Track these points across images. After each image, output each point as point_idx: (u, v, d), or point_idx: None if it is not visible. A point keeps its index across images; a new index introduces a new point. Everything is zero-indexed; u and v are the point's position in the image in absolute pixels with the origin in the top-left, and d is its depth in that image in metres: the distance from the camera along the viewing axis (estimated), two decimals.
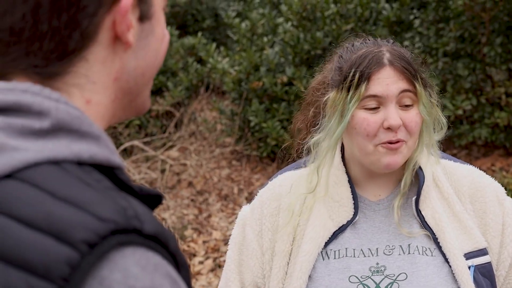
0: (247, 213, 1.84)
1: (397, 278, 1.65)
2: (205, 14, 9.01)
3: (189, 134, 7.37)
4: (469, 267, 1.64)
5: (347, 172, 1.76)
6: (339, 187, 1.74)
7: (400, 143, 1.62)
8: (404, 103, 1.62)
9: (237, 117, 6.80)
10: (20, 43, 0.80)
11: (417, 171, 1.69)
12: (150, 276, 0.70)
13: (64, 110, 0.78)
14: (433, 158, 1.76)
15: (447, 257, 1.65)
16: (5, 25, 0.80)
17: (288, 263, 1.73)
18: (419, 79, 1.63)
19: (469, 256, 1.66)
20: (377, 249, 1.69)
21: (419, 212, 1.69)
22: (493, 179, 1.79)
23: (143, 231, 0.72)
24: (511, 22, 5.86)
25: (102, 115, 0.86)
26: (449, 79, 6.01)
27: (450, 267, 1.64)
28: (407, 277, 1.65)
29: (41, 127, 0.77)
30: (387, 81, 1.60)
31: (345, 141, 1.74)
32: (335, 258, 1.69)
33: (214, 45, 7.23)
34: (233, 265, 1.81)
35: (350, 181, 1.74)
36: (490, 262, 1.69)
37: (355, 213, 1.71)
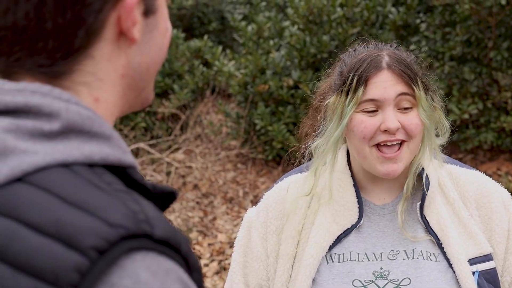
0: (252, 216, 1.85)
1: (400, 283, 1.65)
2: (211, 17, 9.02)
3: (194, 136, 7.38)
4: (474, 273, 1.64)
5: (352, 176, 1.77)
6: (344, 190, 1.74)
7: (398, 152, 1.62)
8: (402, 106, 1.63)
9: (243, 120, 6.80)
10: (23, 42, 0.78)
11: (421, 176, 1.69)
12: (160, 281, 0.69)
13: (74, 110, 0.77)
14: (437, 162, 1.76)
15: (451, 263, 1.65)
16: (7, 23, 0.77)
17: (292, 266, 1.74)
18: (419, 82, 1.63)
19: (473, 261, 1.66)
20: (381, 253, 1.69)
21: (423, 217, 1.69)
22: (499, 185, 1.80)
23: (153, 236, 0.71)
24: None
25: (111, 113, 0.85)
26: (455, 83, 6.00)
27: (454, 272, 1.64)
28: (410, 282, 1.64)
29: (51, 129, 0.75)
30: (385, 84, 1.61)
31: (348, 145, 1.76)
32: (339, 262, 1.69)
33: (220, 48, 7.23)
34: (238, 267, 1.82)
35: (355, 185, 1.75)
36: (495, 267, 1.68)
37: (360, 217, 1.72)
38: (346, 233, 1.71)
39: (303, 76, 6.19)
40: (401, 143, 1.64)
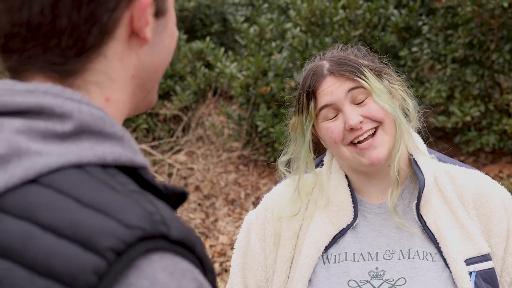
0: (252, 218, 1.87)
1: (396, 282, 1.65)
2: (214, 18, 9.03)
3: (196, 138, 7.38)
4: (471, 273, 1.64)
5: (347, 176, 1.79)
6: (339, 191, 1.76)
7: (373, 139, 1.65)
8: (358, 100, 1.67)
9: (245, 122, 6.80)
10: (37, 39, 0.77)
11: (417, 175, 1.70)
12: (177, 282, 0.69)
13: (86, 111, 0.76)
14: (434, 161, 1.77)
15: (448, 262, 1.65)
16: (22, 19, 0.77)
17: (290, 267, 1.76)
18: (365, 72, 1.66)
19: (471, 261, 1.66)
20: (377, 253, 1.70)
21: (420, 216, 1.70)
22: (499, 185, 1.79)
23: (170, 237, 0.71)
24: None
25: (121, 113, 0.84)
26: (458, 85, 6.00)
27: (450, 272, 1.64)
28: (406, 282, 1.65)
29: (63, 130, 0.75)
30: (331, 89, 1.67)
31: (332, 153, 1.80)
32: (335, 262, 1.71)
33: (222, 49, 7.24)
34: (237, 268, 1.85)
35: (350, 185, 1.77)
36: (493, 268, 1.68)
37: (355, 217, 1.74)
38: (342, 233, 1.73)
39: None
40: (376, 130, 1.66)
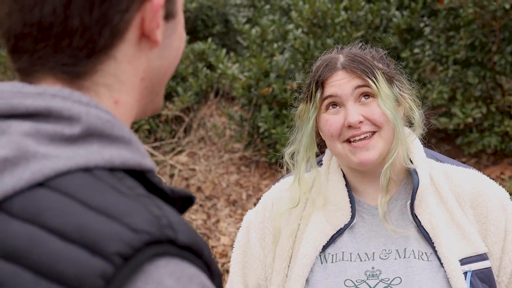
0: (251, 217, 1.89)
1: (391, 282, 1.66)
2: (215, 19, 9.03)
3: (198, 139, 7.38)
4: (466, 272, 1.65)
5: (344, 176, 1.80)
6: (337, 191, 1.77)
7: (368, 141, 1.65)
8: (363, 99, 1.67)
9: (246, 123, 6.80)
10: (48, 40, 0.77)
11: (412, 174, 1.71)
12: (184, 287, 0.69)
13: (95, 114, 0.76)
14: (430, 161, 1.77)
15: (442, 262, 1.66)
16: (34, 19, 0.76)
17: (288, 266, 1.77)
18: (377, 75, 1.66)
19: (467, 261, 1.66)
20: (374, 253, 1.71)
21: (414, 216, 1.70)
22: (496, 184, 1.79)
23: (177, 241, 0.70)
24: None
25: (129, 116, 0.84)
26: (459, 87, 6.00)
27: (445, 271, 1.65)
28: (401, 281, 1.66)
29: (71, 133, 0.74)
30: (340, 82, 1.68)
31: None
32: (332, 262, 1.72)
33: (224, 50, 7.24)
34: (237, 267, 1.86)
35: (347, 185, 1.78)
36: (489, 267, 1.69)
37: (352, 217, 1.75)
38: (339, 233, 1.74)
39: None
40: (373, 133, 1.67)
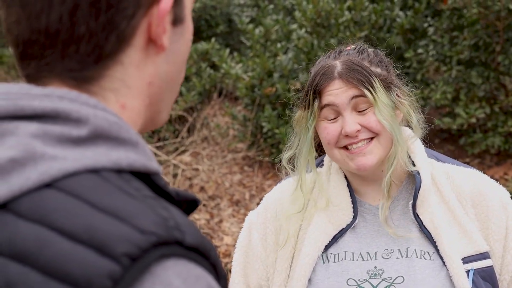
0: (253, 218, 1.91)
1: (394, 281, 1.68)
2: (219, 19, 9.04)
3: (201, 139, 7.39)
4: (468, 271, 1.66)
5: (346, 177, 1.81)
6: (338, 191, 1.79)
7: (366, 146, 1.67)
8: (360, 108, 1.68)
9: (250, 122, 6.80)
10: (55, 46, 0.78)
11: (414, 175, 1.72)
12: None
13: (102, 116, 0.76)
14: (431, 161, 1.78)
15: (444, 261, 1.67)
16: (41, 26, 0.77)
17: (290, 266, 1.78)
18: (374, 83, 1.67)
19: (469, 259, 1.68)
20: (376, 252, 1.72)
21: (416, 216, 1.71)
22: (497, 184, 1.81)
23: (184, 243, 0.71)
24: None
25: (135, 121, 0.85)
26: (463, 87, 6.00)
27: (448, 270, 1.66)
28: (404, 280, 1.67)
29: (79, 135, 0.75)
30: (337, 91, 1.68)
31: None
32: (334, 261, 1.73)
33: (227, 50, 7.25)
34: (239, 267, 1.88)
35: (349, 185, 1.79)
36: (492, 266, 1.70)
37: (354, 217, 1.76)
38: (341, 233, 1.75)
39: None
40: (371, 139, 1.68)
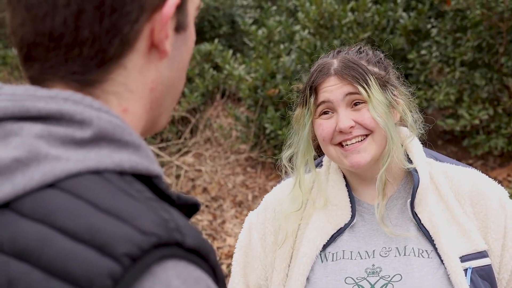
0: (253, 218, 1.92)
1: (392, 279, 1.68)
2: (222, 20, 9.04)
3: (204, 140, 7.39)
4: (467, 269, 1.66)
5: (345, 176, 1.82)
6: (337, 191, 1.80)
7: (360, 144, 1.68)
8: (355, 104, 1.70)
9: (253, 124, 6.81)
10: (59, 49, 0.79)
11: (412, 173, 1.73)
12: None
13: (106, 119, 0.77)
14: (432, 161, 1.79)
15: (442, 259, 1.67)
16: (45, 29, 0.78)
17: (289, 266, 1.79)
18: (369, 81, 1.69)
19: (467, 258, 1.68)
20: (374, 251, 1.73)
21: (414, 214, 1.72)
22: (495, 183, 1.81)
23: (184, 245, 0.72)
24: None
25: (137, 124, 0.86)
26: (466, 88, 5.99)
27: (446, 269, 1.67)
28: (401, 278, 1.68)
29: (82, 137, 0.76)
30: (332, 88, 1.71)
31: None
32: (332, 260, 1.74)
33: (230, 51, 7.25)
34: (239, 267, 1.89)
35: (347, 185, 1.81)
36: (490, 264, 1.70)
37: (353, 216, 1.77)
38: (339, 232, 1.77)
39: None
40: (366, 137, 1.69)
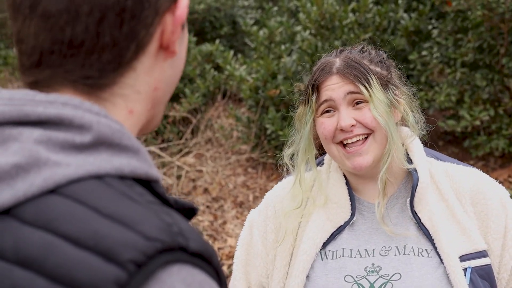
0: (254, 216, 1.93)
1: (391, 278, 1.69)
2: (223, 21, 9.04)
3: (205, 140, 7.39)
4: (466, 269, 1.66)
5: (345, 175, 1.82)
6: (337, 189, 1.80)
7: (361, 146, 1.69)
8: (356, 103, 1.71)
9: (254, 124, 6.81)
10: (78, 55, 0.79)
11: (412, 172, 1.73)
12: None
13: (105, 123, 0.77)
14: (433, 161, 1.79)
15: (442, 258, 1.67)
16: (65, 37, 0.78)
17: (289, 263, 1.80)
18: (371, 81, 1.69)
19: (466, 257, 1.68)
20: (374, 250, 1.74)
21: (414, 213, 1.72)
22: (496, 182, 1.81)
23: (188, 249, 0.72)
24: None
25: (139, 125, 0.86)
26: (467, 89, 5.99)
27: (445, 268, 1.67)
28: (401, 277, 1.68)
29: (82, 141, 0.76)
30: (334, 86, 1.72)
31: None
32: (332, 258, 1.75)
33: (231, 52, 7.26)
34: (240, 265, 1.89)
35: (347, 183, 1.81)
36: (489, 264, 1.70)
37: (352, 214, 1.77)
38: (339, 230, 1.77)
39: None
40: (367, 137, 1.70)
